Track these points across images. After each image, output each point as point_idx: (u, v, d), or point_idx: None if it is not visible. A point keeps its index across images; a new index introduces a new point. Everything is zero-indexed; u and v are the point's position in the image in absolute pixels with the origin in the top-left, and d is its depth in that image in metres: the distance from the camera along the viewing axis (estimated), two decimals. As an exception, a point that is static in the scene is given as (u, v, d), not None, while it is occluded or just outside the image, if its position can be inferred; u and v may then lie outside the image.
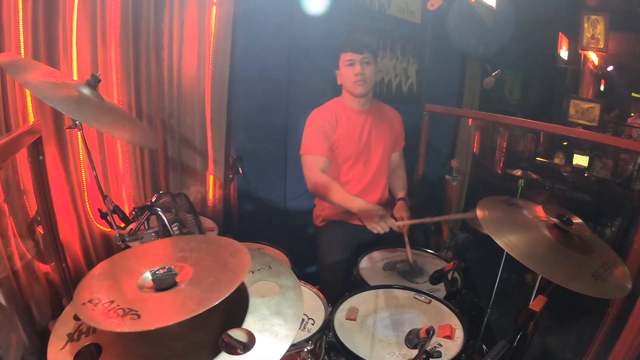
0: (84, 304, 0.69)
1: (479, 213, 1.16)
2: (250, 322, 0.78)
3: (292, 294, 0.87)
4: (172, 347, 0.78)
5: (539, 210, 1.21)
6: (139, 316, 0.65)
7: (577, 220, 1.16)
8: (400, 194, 1.94)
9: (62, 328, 0.80)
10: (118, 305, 0.67)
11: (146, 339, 0.77)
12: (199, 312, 0.64)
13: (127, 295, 0.72)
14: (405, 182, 2.04)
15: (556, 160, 4.15)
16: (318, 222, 1.98)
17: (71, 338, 0.77)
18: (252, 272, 0.95)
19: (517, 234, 1.09)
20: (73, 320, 0.81)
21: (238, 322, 0.78)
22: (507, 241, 1.05)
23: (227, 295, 0.68)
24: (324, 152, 1.76)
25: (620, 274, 1.08)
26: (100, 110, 1.10)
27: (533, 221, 1.16)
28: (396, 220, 1.71)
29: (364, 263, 1.65)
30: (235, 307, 0.82)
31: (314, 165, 1.75)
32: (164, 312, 0.68)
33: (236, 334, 0.74)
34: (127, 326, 0.63)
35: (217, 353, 0.71)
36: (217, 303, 0.66)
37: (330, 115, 1.80)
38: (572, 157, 4.03)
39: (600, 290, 0.98)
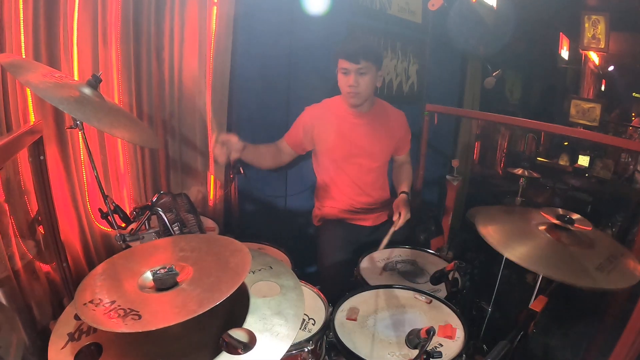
0: (85, 304, 0.69)
1: (482, 230, 1.18)
2: (251, 322, 0.78)
3: (293, 294, 0.87)
4: (172, 347, 0.78)
5: (539, 215, 1.23)
6: (140, 317, 0.65)
7: (576, 216, 1.19)
8: (403, 187, 1.83)
9: (63, 327, 0.80)
10: (119, 306, 0.68)
11: (147, 339, 0.78)
12: (200, 313, 0.64)
13: (128, 295, 0.72)
14: (410, 177, 1.94)
15: (557, 160, 4.16)
16: (316, 221, 1.98)
17: (72, 337, 0.78)
18: (253, 272, 0.95)
19: (523, 244, 1.11)
20: (74, 319, 0.81)
21: (239, 322, 0.78)
22: (518, 254, 1.07)
23: (228, 295, 0.68)
24: (291, 141, 1.84)
25: (628, 263, 1.11)
26: (102, 109, 1.10)
27: (535, 227, 1.19)
28: (393, 215, 1.68)
29: (365, 263, 1.65)
30: (236, 307, 0.82)
31: (278, 144, 1.87)
32: (164, 313, 0.68)
33: (237, 333, 0.75)
34: (128, 327, 0.63)
35: (217, 353, 0.71)
36: (217, 303, 0.66)
37: (320, 113, 1.78)
38: (573, 157, 4.03)
39: (606, 281, 1.00)
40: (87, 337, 0.78)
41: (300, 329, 1.12)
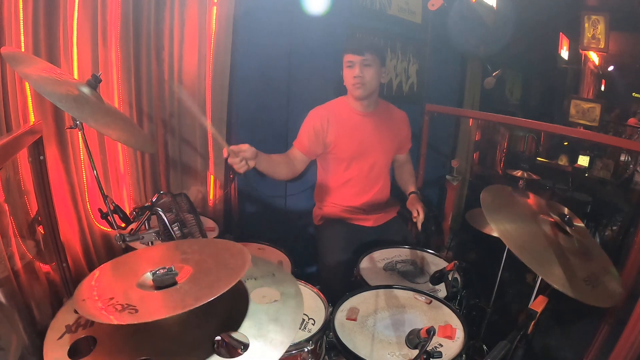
0: (83, 300, 0.69)
1: (483, 197, 1.13)
2: (247, 327, 0.78)
3: (293, 302, 0.86)
4: (166, 346, 0.78)
5: (543, 205, 1.20)
6: (136, 311, 0.65)
7: (578, 223, 1.15)
8: (411, 188, 1.93)
9: (62, 320, 0.81)
10: (117, 302, 0.68)
11: (141, 336, 0.78)
12: (197, 306, 0.64)
13: (127, 293, 0.72)
14: (414, 176, 2.05)
15: (557, 161, 4.16)
16: (317, 221, 1.98)
17: (69, 330, 0.79)
18: (255, 279, 0.94)
19: (514, 223, 1.06)
20: (74, 313, 0.81)
21: (235, 325, 0.78)
22: (503, 228, 1.02)
23: (225, 290, 0.67)
24: (304, 148, 1.78)
25: (611, 282, 1.07)
26: (99, 110, 1.10)
27: (534, 215, 1.14)
28: (411, 213, 1.76)
29: (365, 263, 1.65)
30: (234, 311, 0.82)
31: (289, 153, 1.80)
32: (161, 307, 0.68)
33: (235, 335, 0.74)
34: (124, 319, 0.63)
35: (210, 355, 0.70)
36: (214, 298, 0.66)
37: (328, 115, 1.78)
38: (573, 157, 4.03)
39: (589, 296, 0.96)
40: (83, 330, 0.78)
41: (300, 328, 1.13)
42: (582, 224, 1.17)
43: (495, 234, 1.08)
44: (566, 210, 1.17)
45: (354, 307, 1.28)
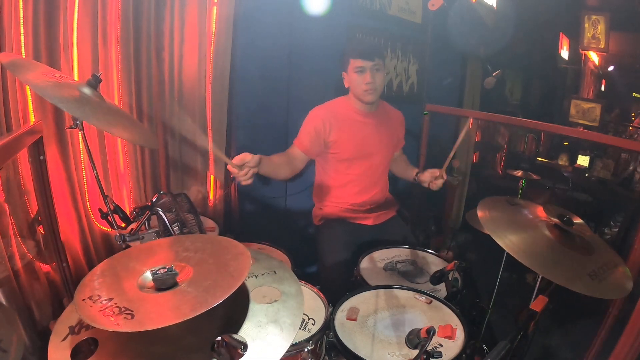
0: (84, 299, 0.69)
1: (480, 213, 1.16)
2: (246, 329, 0.78)
3: (293, 302, 0.86)
4: (166, 348, 0.78)
5: (540, 211, 1.21)
6: (132, 316, 0.65)
7: (577, 220, 1.16)
8: (414, 169, 1.89)
9: (67, 320, 0.81)
10: (115, 304, 0.68)
11: (143, 338, 0.78)
12: (191, 317, 0.64)
13: (127, 294, 0.72)
14: (410, 164, 2.08)
15: (557, 161, 4.16)
16: (316, 221, 1.98)
17: (72, 331, 0.79)
18: (256, 277, 0.94)
19: (517, 234, 1.09)
20: (76, 314, 0.82)
21: (236, 326, 0.77)
22: (508, 241, 1.06)
23: (220, 301, 0.67)
24: (305, 147, 1.77)
25: (621, 274, 1.08)
26: (101, 109, 1.10)
27: (534, 221, 1.17)
28: (435, 180, 1.74)
29: (365, 263, 1.65)
30: (234, 312, 0.82)
31: (289, 152, 1.79)
32: (157, 314, 0.68)
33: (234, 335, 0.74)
34: (120, 326, 0.63)
35: (210, 355, 0.70)
36: (209, 309, 0.66)
37: (329, 116, 1.77)
38: (573, 157, 4.04)
39: (596, 289, 0.99)
40: (86, 332, 0.78)
41: (300, 328, 1.13)
42: (581, 221, 1.18)
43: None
44: (563, 210, 1.19)
45: (354, 307, 1.28)
